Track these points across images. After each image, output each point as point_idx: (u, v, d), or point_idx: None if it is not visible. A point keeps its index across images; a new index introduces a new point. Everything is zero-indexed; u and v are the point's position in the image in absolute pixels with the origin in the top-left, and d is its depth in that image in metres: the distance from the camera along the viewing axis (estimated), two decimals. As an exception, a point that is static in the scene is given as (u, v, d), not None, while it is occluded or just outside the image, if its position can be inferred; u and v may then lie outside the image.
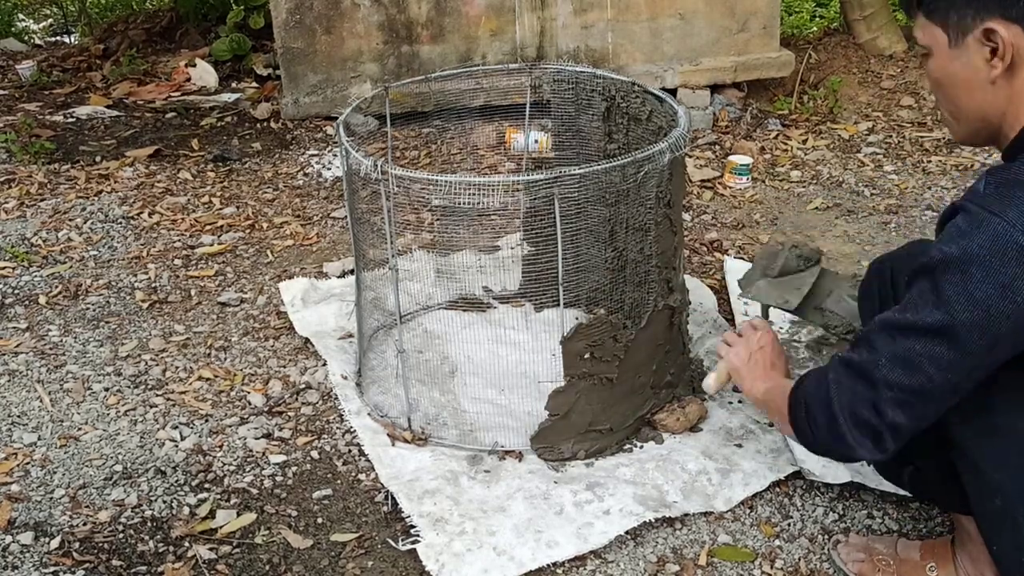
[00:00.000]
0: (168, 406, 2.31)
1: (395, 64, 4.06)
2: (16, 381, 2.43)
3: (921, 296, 1.33)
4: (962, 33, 1.37)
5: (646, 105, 2.19)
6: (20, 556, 1.86)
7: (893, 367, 1.36)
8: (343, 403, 2.27)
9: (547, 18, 4.03)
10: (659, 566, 1.80)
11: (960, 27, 1.37)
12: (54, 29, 7.09)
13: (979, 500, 1.45)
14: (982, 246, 1.26)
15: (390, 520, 1.93)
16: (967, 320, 1.28)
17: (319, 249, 3.12)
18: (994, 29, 1.33)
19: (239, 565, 1.83)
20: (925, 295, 1.33)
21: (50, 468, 2.11)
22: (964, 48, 1.37)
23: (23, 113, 4.39)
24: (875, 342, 1.39)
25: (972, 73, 1.38)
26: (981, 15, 1.34)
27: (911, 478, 1.65)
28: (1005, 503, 1.40)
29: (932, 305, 1.31)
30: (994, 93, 1.37)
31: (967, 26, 1.36)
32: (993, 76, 1.36)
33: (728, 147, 3.83)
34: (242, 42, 4.91)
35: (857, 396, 1.41)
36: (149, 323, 2.68)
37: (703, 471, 2.00)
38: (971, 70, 1.38)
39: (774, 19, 4.14)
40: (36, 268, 3.01)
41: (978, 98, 1.39)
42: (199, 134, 4.13)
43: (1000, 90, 1.37)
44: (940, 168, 3.61)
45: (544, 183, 1.85)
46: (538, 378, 2.18)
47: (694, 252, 3.00)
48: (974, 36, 1.35)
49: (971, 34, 1.36)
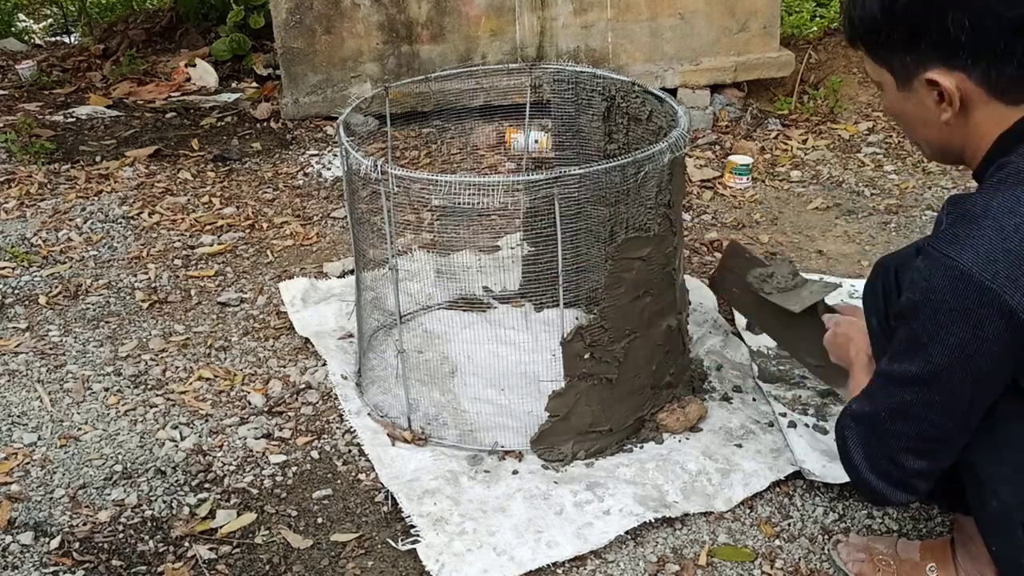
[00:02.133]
0: (168, 406, 2.31)
1: (395, 64, 4.06)
2: (16, 381, 2.43)
3: (901, 344, 1.35)
4: (907, 78, 1.35)
5: (646, 105, 2.19)
6: (20, 556, 1.86)
7: (894, 420, 1.39)
8: (343, 403, 2.27)
9: (547, 18, 4.03)
10: (659, 566, 1.80)
11: (904, 72, 1.35)
12: (54, 29, 7.09)
13: (977, 502, 1.45)
14: (944, 290, 1.26)
15: (390, 520, 1.93)
16: (946, 363, 1.29)
17: (319, 249, 3.12)
18: (935, 80, 1.31)
19: (239, 565, 1.83)
20: (903, 343, 1.35)
21: (50, 468, 2.11)
22: (912, 91, 1.36)
23: (23, 113, 4.39)
24: (875, 395, 1.43)
25: (925, 112, 1.37)
26: (923, 63, 1.32)
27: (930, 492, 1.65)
28: (1001, 505, 1.40)
29: (912, 354, 1.33)
30: (950, 131, 1.37)
31: (911, 73, 1.34)
32: (943, 119, 1.35)
33: (728, 147, 3.83)
34: (242, 42, 4.91)
35: (872, 449, 1.44)
36: (149, 323, 2.68)
37: (703, 471, 2.00)
38: (924, 110, 1.37)
39: (774, 19, 4.13)
40: (36, 268, 3.01)
41: (934, 133, 1.39)
42: (199, 134, 4.13)
43: (956, 127, 1.36)
44: (940, 168, 3.60)
45: (544, 183, 1.85)
46: (538, 378, 2.18)
47: (694, 252, 3.00)
48: (919, 81, 1.34)
49: (916, 78, 1.34)
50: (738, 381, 2.31)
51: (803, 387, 2.27)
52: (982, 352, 1.26)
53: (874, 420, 1.42)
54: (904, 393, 1.36)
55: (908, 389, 1.35)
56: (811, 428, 2.11)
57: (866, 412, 1.44)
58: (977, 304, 1.23)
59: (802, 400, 2.22)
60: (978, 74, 1.29)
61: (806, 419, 2.14)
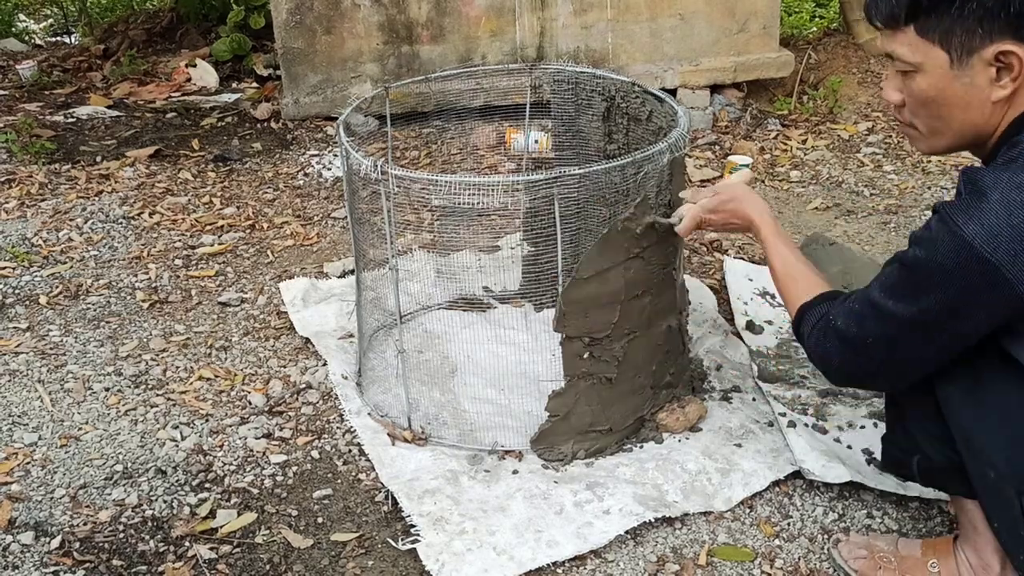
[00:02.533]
0: (168, 406, 2.31)
1: (395, 64, 4.07)
2: (17, 381, 2.43)
3: (898, 285, 1.41)
4: (968, 53, 1.34)
5: (646, 105, 2.20)
6: (20, 556, 1.86)
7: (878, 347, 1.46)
8: (343, 403, 2.27)
9: (547, 18, 4.03)
10: (659, 566, 1.80)
11: (966, 46, 1.34)
12: (54, 29, 7.09)
13: (976, 476, 1.47)
14: (946, 255, 1.31)
15: (390, 520, 1.94)
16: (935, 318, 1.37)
17: (319, 249, 3.12)
18: (1012, 51, 1.31)
19: (239, 565, 1.84)
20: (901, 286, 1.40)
21: (51, 468, 2.11)
22: (968, 68, 1.35)
23: (23, 113, 4.39)
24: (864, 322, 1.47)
25: (973, 93, 1.37)
26: (992, 36, 1.32)
27: (919, 466, 1.65)
28: (998, 476, 1.42)
29: (907, 298, 1.39)
30: (992, 111, 1.37)
31: (974, 46, 1.33)
32: (998, 96, 1.35)
33: (728, 147, 3.83)
34: (242, 42, 4.92)
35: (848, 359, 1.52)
36: (150, 323, 2.69)
37: (703, 471, 2.00)
38: (972, 89, 1.36)
39: (774, 19, 4.14)
40: (36, 268, 3.01)
41: (973, 116, 1.39)
42: (199, 134, 4.13)
43: (998, 109, 1.36)
44: (940, 168, 3.61)
45: (544, 183, 1.85)
46: (538, 378, 2.18)
47: (694, 252, 3.01)
48: (981, 56, 1.33)
49: (977, 54, 1.33)
50: (738, 381, 2.31)
51: (803, 387, 2.27)
52: (972, 316, 1.34)
53: (859, 343, 1.48)
54: (892, 329, 1.42)
55: (897, 327, 1.41)
56: (810, 428, 2.11)
57: (853, 335, 1.48)
58: (976, 273, 1.29)
59: (801, 400, 2.22)
60: None
61: (805, 419, 2.14)
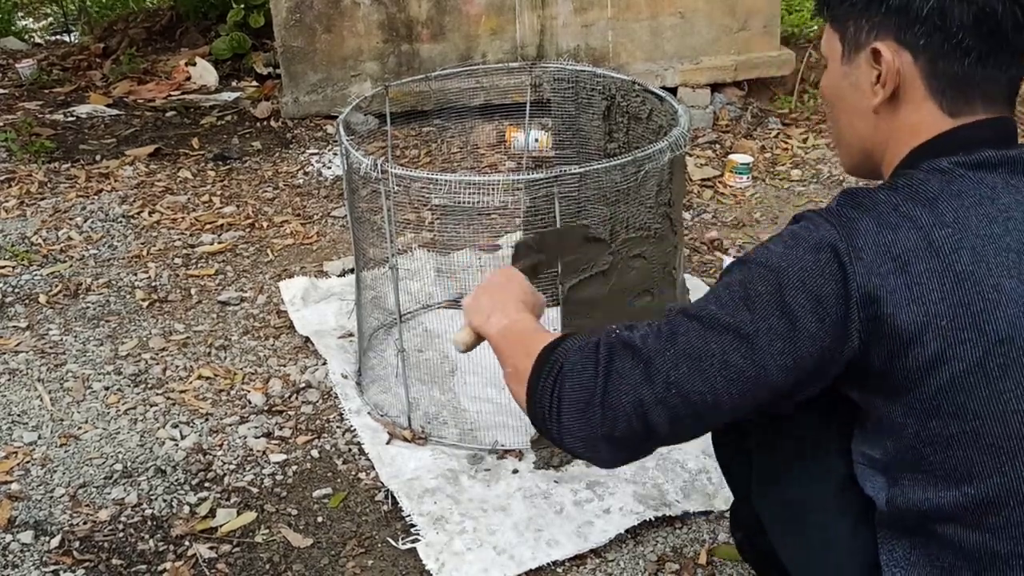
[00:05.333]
0: (168, 405, 2.31)
1: (395, 63, 4.06)
2: (16, 380, 2.43)
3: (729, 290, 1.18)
4: (855, 48, 1.23)
5: (646, 104, 2.19)
6: (20, 555, 1.86)
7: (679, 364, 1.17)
8: (343, 402, 2.27)
9: (547, 17, 4.03)
10: (659, 565, 1.80)
11: (855, 40, 1.23)
12: (54, 28, 7.08)
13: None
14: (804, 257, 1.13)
15: (390, 519, 1.93)
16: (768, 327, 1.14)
17: (319, 248, 3.12)
18: (879, 51, 1.18)
19: (239, 564, 1.84)
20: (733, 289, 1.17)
21: (50, 467, 2.11)
22: (855, 65, 1.23)
23: (23, 112, 4.39)
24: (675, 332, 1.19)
25: (858, 96, 1.24)
26: (875, 32, 1.20)
27: (739, 544, 1.63)
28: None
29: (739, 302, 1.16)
30: (875, 125, 1.23)
31: (861, 41, 1.22)
32: (874, 104, 1.21)
33: (728, 146, 3.83)
34: (242, 41, 4.91)
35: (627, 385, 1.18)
36: (149, 322, 2.68)
37: (703, 470, 2.00)
38: (857, 92, 1.24)
39: (775, 18, 4.13)
40: (36, 267, 3.01)
41: (859, 126, 1.26)
42: (199, 133, 4.13)
43: (882, 122, 1.22)
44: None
45: (544, 182, 1.85)
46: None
47: (694, 251, 3.00)
48: (865, 54, 1.21)
49: (863, 51, 1.21)
50: (738, 380, 2.31)
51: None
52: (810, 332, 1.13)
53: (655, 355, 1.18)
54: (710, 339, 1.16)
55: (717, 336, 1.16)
56: (811, 427, 2.10)
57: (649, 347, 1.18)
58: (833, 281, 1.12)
59: (802, 399, 2.21)
60: (924, 61, 1.17)
61: (806, 418, 2.14)
